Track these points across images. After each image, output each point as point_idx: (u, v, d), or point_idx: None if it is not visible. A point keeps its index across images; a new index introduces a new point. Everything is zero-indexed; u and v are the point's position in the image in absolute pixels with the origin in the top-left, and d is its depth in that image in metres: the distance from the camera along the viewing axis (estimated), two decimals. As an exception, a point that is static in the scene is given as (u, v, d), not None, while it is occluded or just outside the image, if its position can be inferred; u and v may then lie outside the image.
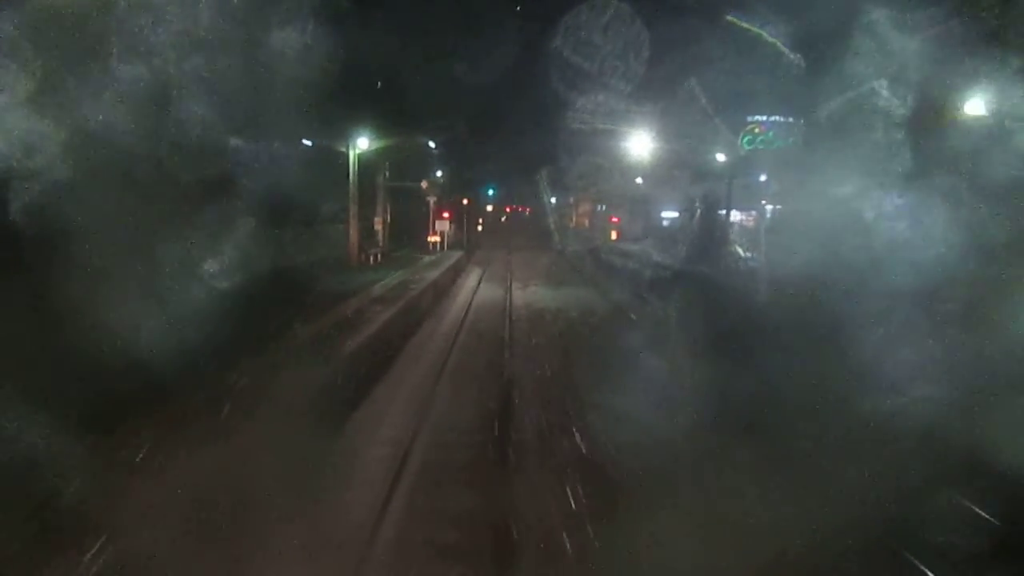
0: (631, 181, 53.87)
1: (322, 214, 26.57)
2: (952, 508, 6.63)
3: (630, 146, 41.70)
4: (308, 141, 25.35)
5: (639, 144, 40.60)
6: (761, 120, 39.48)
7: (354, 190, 25.20)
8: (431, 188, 38.42)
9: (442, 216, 42.16)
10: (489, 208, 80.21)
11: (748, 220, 37.03)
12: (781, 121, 39.48)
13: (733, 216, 36.51)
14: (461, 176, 52.24)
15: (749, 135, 39.37)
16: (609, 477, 8.04)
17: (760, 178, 35.54)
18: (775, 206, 33.74)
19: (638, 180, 53.05)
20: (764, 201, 34.91)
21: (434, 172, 42.53)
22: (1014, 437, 6.82)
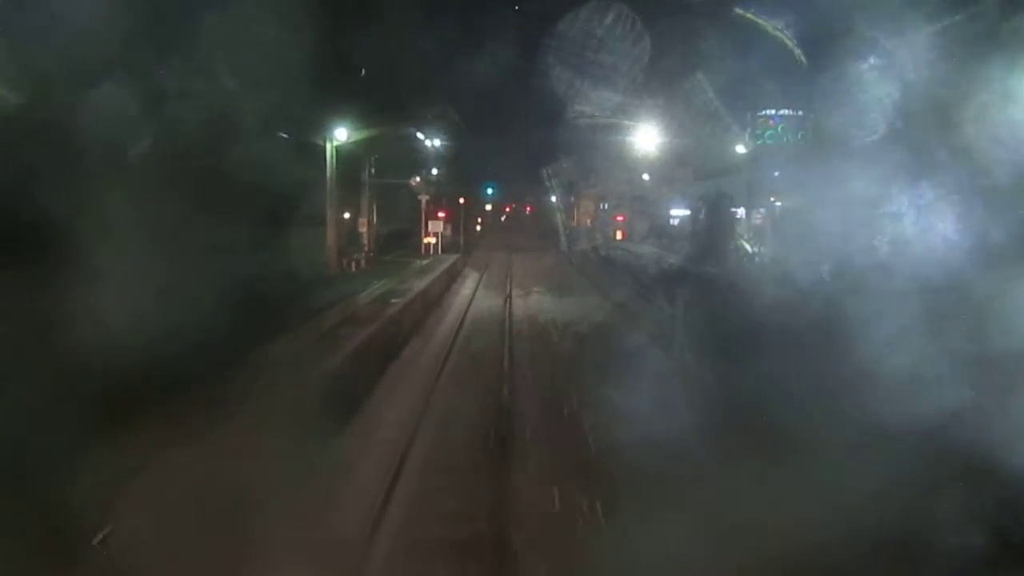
0: (636, 178, 52.09)
1: (301, 215, 23.75)
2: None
3: (636, 140, 41.12)
4: (285, 133, 22.55)
5: (646, 139, 39.72)
6: (770, 114, 40.46)
7: (332, 187, 22.20)
8: (424, 186, 35.39)
9: (437, 216, 39.44)
10: (488, 207, 78.32)
11: (757, 217, 36.04)
12: (790, 115, 40.95)
13: (741, 212, 36.67)
14: (460, 173, 49.39)
15: (758, 130, 40.06)
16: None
17: (774, 174, 34.94)
18: (780, 203, 34.10)
19: (645, 177, 51.08)
20: (773, 198, 34.26)
21: (429, 170, 39.73)
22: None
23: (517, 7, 44.96)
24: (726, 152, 36.73)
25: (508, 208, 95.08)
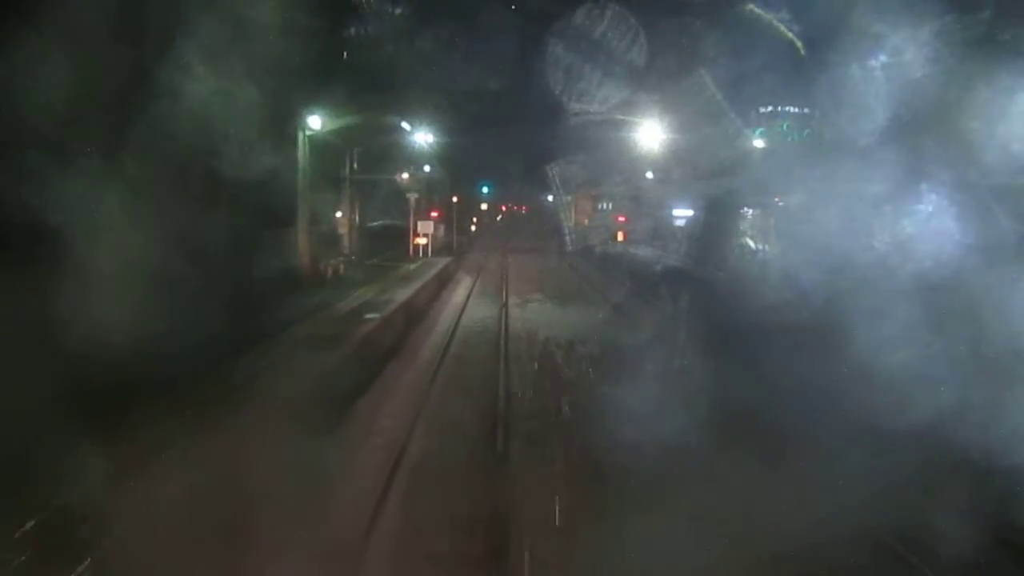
0: (638, 177, 50.00)
1: (279, 216, 21.14)
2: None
3: (638, 139, 39.41)
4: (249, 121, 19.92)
5: (648, 136, 37.97)
6: (776, 111, 39.60)
7: (304, 184, 19.54)
8: (414, 182, 32.77)
9: (428, 216, 36.92)
10: (484, 207, 76.62)
11: (761, 215, 35.12)
12: (796, 112, 39.94)
13: (748, 212, 35.03)
14: (454, 172, 46.88)
15: (763, 127, 39.41)
16: None
17: (781, 171, 33.85)
18: (783, 201, 32.18)
19: (648, 175, 48.92)
20: (777, 199, 32.87)
21: (419, 166, 37.19)
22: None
23: (514, 6, 42.54)
24: (731, 150, 35.33)
25: (504, 208, 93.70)
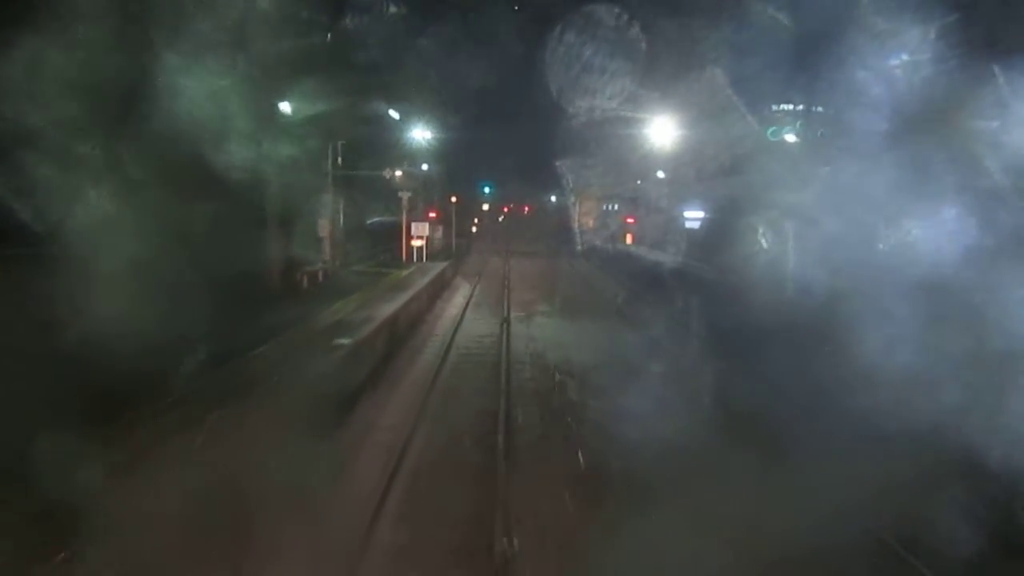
0: (647, 177, 47.64)
1: (257, 215, 18.57)
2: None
3: (647, 136, 37.16)
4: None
5: (657, 134, 35.79)
6: (788, 109, 37.96)
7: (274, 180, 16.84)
8: (407, 180, 30.10)
9: (426, 216, 34.38)
10: (485, 207, 74.48)
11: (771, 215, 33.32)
12: (813, 111, 37.92)
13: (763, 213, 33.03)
14: (454, 171, 44.38)
15: (775, 126, 37.37)
16: None
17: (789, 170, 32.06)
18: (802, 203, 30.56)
19: (660, 174, 46.55)
20: (796, 199, 30.87)
21: (415, 164, 34.68)
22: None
23: (516, 6, 40.36)
24: (743, 148, 33.41)
25: (506, 208, 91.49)
